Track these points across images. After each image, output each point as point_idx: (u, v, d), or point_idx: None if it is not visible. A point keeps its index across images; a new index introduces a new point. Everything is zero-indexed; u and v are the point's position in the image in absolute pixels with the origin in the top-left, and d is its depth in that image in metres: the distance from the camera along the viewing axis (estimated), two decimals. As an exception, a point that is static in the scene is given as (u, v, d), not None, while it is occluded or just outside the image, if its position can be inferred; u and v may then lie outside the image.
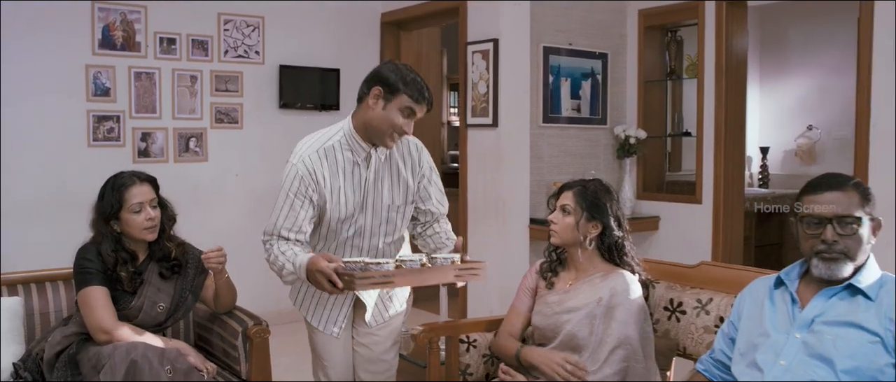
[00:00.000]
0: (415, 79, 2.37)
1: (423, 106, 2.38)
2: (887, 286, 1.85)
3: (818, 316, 1.87)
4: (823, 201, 1.88)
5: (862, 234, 1.85)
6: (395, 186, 2.52)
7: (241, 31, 5.17)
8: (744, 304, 2.07)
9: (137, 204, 2.59)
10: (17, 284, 2.85)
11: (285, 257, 2.37)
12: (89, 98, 4.70)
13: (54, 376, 2.47)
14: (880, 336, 1.76)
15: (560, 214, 2.41)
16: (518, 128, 4.79)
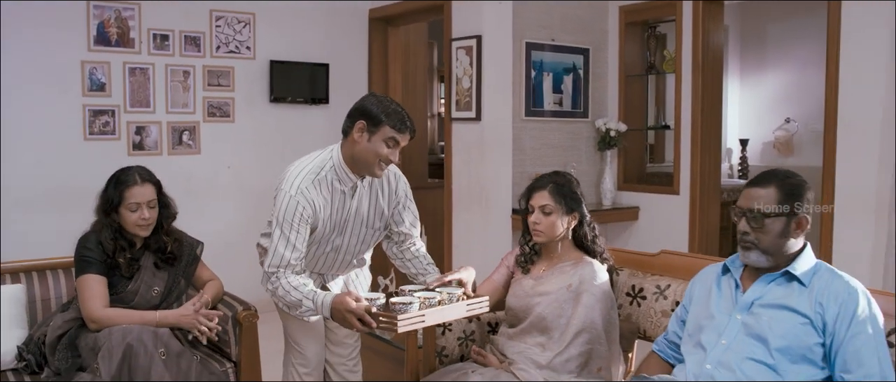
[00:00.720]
0: (396, 110, 2.48)
1: (406, 135, 2.49)
2: (820, 273, 2.02)
3: (757, 299, 2.04)
4: (746, 195, 2.05)
5: (773, 228, 2.00)
6: (373, 211, 2.67)
7: (232, 27, 5.32)
8: (694, 289, 2.24)
9: (135, 203, 2.74)
10: (20, 272, 3.01)
11: (301, 293, 2.45)
12: (85, 93, 4.84)
13: (55, 358, 2.63)
14: (810, 319, 1.93)
15: (541, 215, 2.52)
16: (500, 121, 4.95)
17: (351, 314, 2.30)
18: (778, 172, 2.13)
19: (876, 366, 1.83)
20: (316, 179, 2.52)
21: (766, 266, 2.05)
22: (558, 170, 2.68)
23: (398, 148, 2.49)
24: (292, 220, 2.47)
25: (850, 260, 4.22)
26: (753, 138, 6.64)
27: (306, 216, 2.48)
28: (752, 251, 2.05)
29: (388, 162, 2.50)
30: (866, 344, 1.85)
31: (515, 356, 2.46)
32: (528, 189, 2.59)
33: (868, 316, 1.89)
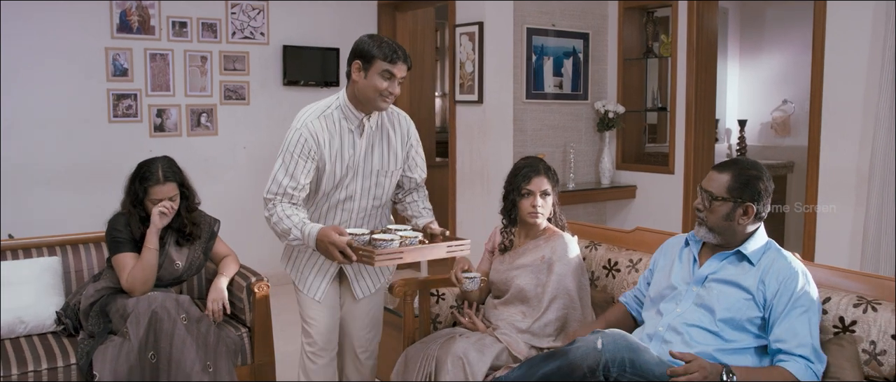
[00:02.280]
0: (387, 43, 2.55)
1: (400, 64, 2.55)
2: (769, 253, 2.25)
3: (711, 274, 2.28)
4: (708, 176, 2.30)
5: (720, 211, 2.24)
6: (386, 153, 2.71)
7: (247, 14, 5.57)
8: (659, 258, 2.49)
9: (157, 200, 2.99)
10: (55, 246, 3.32)
11: (291, 222, 2.55)
12: (109, 78, 5.13)
13: (89, 323, 2.93)
14: (753, 294, 2.17)
15: (543, 198, 2.71)
16: (502, 103, 5.19)
17: (333, 246, 2.43)
18: (740, 162, 2.35)
19: (807, 337, 2.07)
20: (321, 115, 2.61)
21: (714, 242, 2.30)
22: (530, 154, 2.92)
23: (395, 79, 2.56)
24: (294, 151, 2.57)
25: (832, 233, 4.46)
26: (751, 119, 6.82)
27: (309, 147, 2.57)
28: (701, 226, 2.30)
29: (389, 94, 2.56)
30: (800, 319, 2.08)
31: (499, 322, 2.72)
32: (521, 174, 2.72)
33: (803, 294, 2.12)
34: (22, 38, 4.82)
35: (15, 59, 4.81)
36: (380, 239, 2.46)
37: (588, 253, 2.97)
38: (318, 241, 2.48)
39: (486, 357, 2.53)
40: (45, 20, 4.88)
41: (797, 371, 2.03)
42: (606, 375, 1.95)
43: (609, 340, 2.00)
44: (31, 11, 4.83)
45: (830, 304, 2.21)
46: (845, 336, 2.15)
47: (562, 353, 2.07)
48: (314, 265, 2.79)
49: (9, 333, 3.01)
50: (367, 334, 2.94)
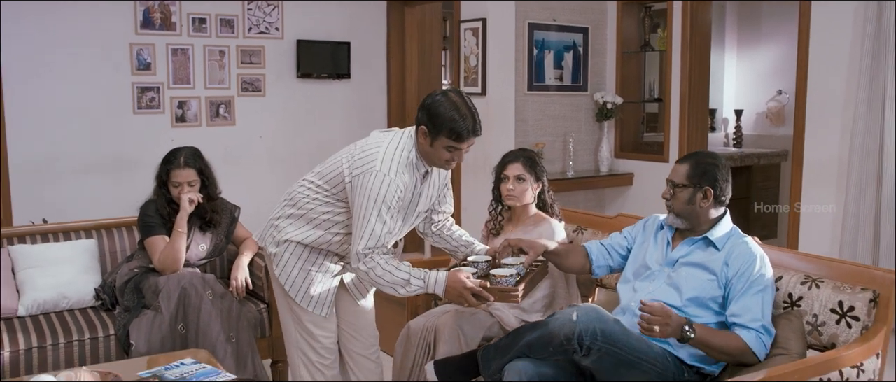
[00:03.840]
0: (453, 118, 2.45)
1: (465, 142, 2.51)
2: (733, 238, 2.53)
3: (682, 257, 2.57)
4: (672, 168, 2.59)
5: (682, 196, 2.52)
6: (429, 196, 2.75)
7: (262, 10, 5.87)
8: (640, 231, 2.77)
9: (176, 183, 3.31)
10: (91, 229, 3.64)
11: (406, 272, 2.52)
12: (133, 72, 5.44)
13: (124, 298, 3.25)
14: (717, 276, 2.45)
15: (515, 183, 3.03)
16: (504, 95, 5.47)
17: (467, 290, 2.45)
18: (698, 154, 2.65)
19: (759, 313, 2.34)
20: (407, 164, 2.55)
21: (681, 226, 2.58)
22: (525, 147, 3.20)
23: (459, 152, 2.53)
24: (390, 202, 2.47)
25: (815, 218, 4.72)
26: (747, 109, 7.06)
27: (401, 199, 2.54)
28: (670, 213, 2.59)
29: (451, 165, 2.60)
30: (754, 298, 2.36)
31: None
32: (502, 162, 3.08)
33: (759, 275, 2.39)
34: (53, 34, 5.13)
35: (47, 55, 5.13)
36: (502, 276, 2.54)
37: (575, 237, 3.26)
38: (448, 288, 2.49)
39: (480, 329, 2.83)
40: (74, 18, 5.18)
41: (749, 338, 2.31)
42: (580, 343, 2.24)
43: (582, 312, 2.29)
44: (62, 10, 5.13)
45: (782, 282, 2.49)
46: (793, 310, 2.43)
47: (542, 324, 2.37)
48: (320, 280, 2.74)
49: (53, 307, 3.35)
50: (372, 332, 2.95)
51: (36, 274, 3.36)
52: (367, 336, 2.93)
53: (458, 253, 2.92)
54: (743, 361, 2.32)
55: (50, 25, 5.11)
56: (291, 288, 2.71)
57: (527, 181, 3.02)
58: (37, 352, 3.01)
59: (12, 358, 2.96)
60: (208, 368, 2.56)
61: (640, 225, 2.80)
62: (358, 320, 2.90)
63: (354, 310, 2.90)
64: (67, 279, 3.38)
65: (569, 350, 2.27)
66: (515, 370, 2.36)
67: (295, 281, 2.71)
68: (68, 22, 5.17)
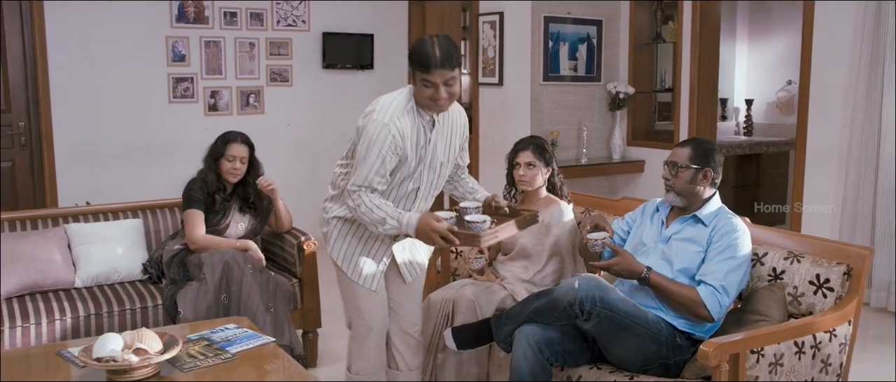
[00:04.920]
0: (423, 50, 2.54)
1: (435, 72, 2.53)
2: (720, 215, 2.79)
3: (674, 234, 2.82)
4: (672, 152, 2.84)
5: (684, 176, 2.77)
6: (448, 146, 2.78)
7: (290, 3, 6.15)
8: (639, 213, 3.03)
9: (231, 156, 3.62)
10: (137, 209, 3.96)
11: (384, 211, 2.61)
12: (169, 63, 5.76)
13: (170, 272, 3.56)
14: (704, 248, 2.72)
15: (526, 169, 3.29)
16: (520, 86, 5.73)
17: (435, 232, 2.54)
18: (698, 139, 2.91)
19: (722, 274, 2.60)
20: (404, 111, 2.64)
21: (679, 205, 2.84)
22: (538, 135, 3.46)
23: (437, 87, 2.57)
24: (382, 147, 2.58)
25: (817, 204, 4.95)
26: (758, 98, 7.26)
27: (396, 144, 2.61)
28: (669, 192, 2.84)
29: (434, 100, 2.59)
30: (723, 262, 2.62)
31: (506, 274, 3.30)
32: (513, 149, 3.33)
33: (733, 245, 2.64)
34: (95, 28, 5.45)
35: (89, 48, 5.46)
36: (472, 221, 2.61)
37: (583, 217, 3.51)
38: (418, 229, 2.58)
39: (493, 300, 3.11)
40: (115, 13, 5.50)
41: (705, 294, 2.58)
42: (581, 308, 2.51)
43: (584, 281, 2.56)
44: (104, 6, 5.45)
45: (767, 258, 2.75)
46: (776, 282, 2.69)
47: (548, 292, 2.65)
48: (368, 255, 2.84)
49: (106, 279, 3.67)
50: (417, 311, 3.03)
51: (90, 249, 3.68)
52: (412, 314, 3.00)
53: (464, 198, 3.01)
54: (696, 312, 2.59)
55: (92, 20, 5.44)
56: (342, 262, 2.85)
57: (537, 167, 3.28)
58: (94, 319, 3.34)
59: (73, 324, 3.28)
60: (250, 332, 2.86)
61: (639, 209, 3.06)
62: (404, 299, 2.98)
63: (403, 289, 2.97)
64: (118, 255, 3.70)
65: (571, 316, 2.54)
66: (524, 334, 2.64)
67: (344, 254, 2.84)
68: (109, 16, 5.49)
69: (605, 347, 2.64)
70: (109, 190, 5.38)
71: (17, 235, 3.64)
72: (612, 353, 2.65)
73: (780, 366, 2.35)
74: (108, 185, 5.49)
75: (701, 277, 2.64)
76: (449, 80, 2.58)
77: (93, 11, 5.43)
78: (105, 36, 5.50)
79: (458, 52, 2.63)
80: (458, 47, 2.63)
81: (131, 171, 5.66)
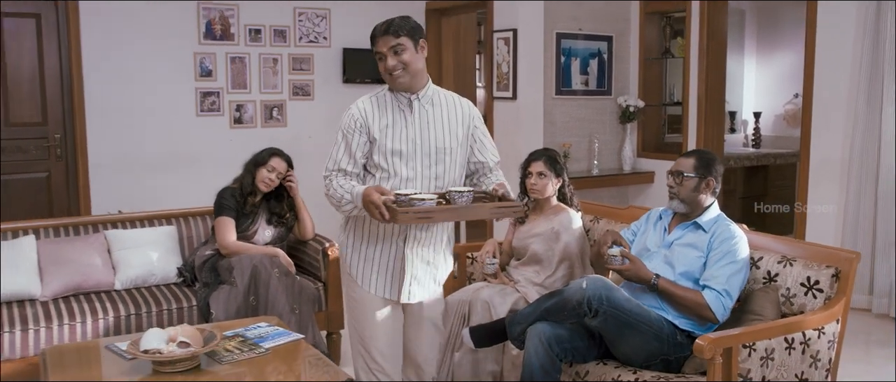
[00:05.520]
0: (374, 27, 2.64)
1: (379, 40, 2.62)
2: (719, 222, 2.98)
3: (675, 239, 3.02)
4: (676, 162, 3.04)
5: (688, 185, 2.98)
6: (444, 132, 2.70)
7: (312, 21, 6.41)
8: (644, 221, 3.23)
9: (271, 167, 3.87)
10: (170, 217, 4.21)
11: (344, 189, 2.63)
12: (197, 78, 6.01)
13: (202, 275, 3.79)
14: (704, 253, 2.91)
15: (537, 179, 3.50)
16: (533, 99, 5.94)
17: (372, 205, 2.49)
18: (700, 150, 3.12)
19: (724, 279, 2.79)
20: (372, 96, 2.73)
21: (683, 211, 3.03)
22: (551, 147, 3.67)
23: (386, 59, 2.62)
24: (346, 129, 2.67)
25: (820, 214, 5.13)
26: (766, 111, 7.44)
27: (358, 123, 2.65)
28: (674, 199, 3.04)
29: (385, 71, 2.64)
30: (725, 267, 2.81)
31: (519, 278, 3.50)
32: (526, 160, 3.54)
33: (733, 250, 2.83)
34: (127, 45, 5.72)
35: (122, 63, 5.72)
36: (415, 199, 2.49)
37: (592, 225, 3.73)
38: (363, 200, 2.54)
39: (507, 302, 3.32)
40: (146, 30, 5.77)
41: (710, 298, 2.77)
42: (589, 306, 2.72)
43: (591, 282, 2.76)
44: (135, 23, 5.72)
45: (762, 262, 2.94)
46: (770, 284, 2.88)
47: (558, 293, 2.85)
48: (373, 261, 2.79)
49: (143, 282, 3.91)
50: (427, 343, 2.91)
51: (128, 254, 3.92)
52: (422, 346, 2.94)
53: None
54: (701, 315, 2.79)
55: (125, 37, 5.71)
56: (351, 268, 2.82)
57: (548, 177, 3.49)
58: (134, 318, 3.58)
59: (115, 322, 3.52)
60: (281, 330, 3.08)
61: (643, 217, 3.27)
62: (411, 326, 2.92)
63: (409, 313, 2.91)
64: (154, 259, 3.94)
65: (580, 314, 2.75)
66: (535, 332, 2.85)
67: (351, 260, 2.82)
68: (141, 34, 5.76)
69: (611, 343, 2.84)
70: (139, 199, 5.63)
71: (61, 240, 3.89)
72: (617, 349, 2.85)
73: (772, 360, 2.54)
74: (138, 194, 5.74)
75: (705, 282, 2.84)
76: (396, 47, 2.60)
77: (125, 29, 5.70)
78: (137, 52, 5.76)
79: (409, 23, 2.64)
80: (409, 20, 2.65)
81: (160, 181, 5.91)
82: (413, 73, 2.65)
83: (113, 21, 5.65)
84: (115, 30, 5.67)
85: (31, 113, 5.60)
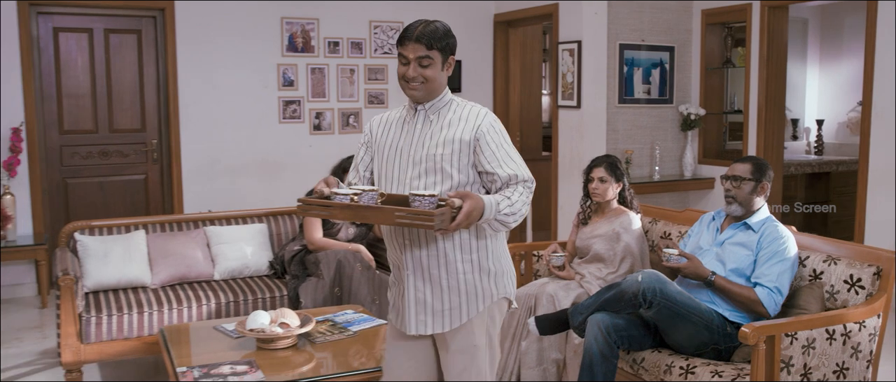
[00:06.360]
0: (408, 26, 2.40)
1: (407, 46, 2.37)
2: (767, 223, 3.22)
3: (727, 238, 3.28)
4: (731, 167, 3.29)
5: (745, 188, 3.22)
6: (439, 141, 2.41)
7: (386, 33, 6.80)
8: (697, 223, 3.49)
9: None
10: (261, 216, 4.62)
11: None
12: (280, 88, 6.46)
13: (291, 269, 4.18)
14: (753, 251, 3.16)
15: (599, 183, 3.80)
16: (597, 108, 6.21)
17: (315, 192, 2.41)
18: (753, 157, 3.36)
19: (775, 276, 3.03)
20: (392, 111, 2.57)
21: (739, 214, 3.28)
22: (611, 153, 3.95)
23: (410, 65, 2.37)
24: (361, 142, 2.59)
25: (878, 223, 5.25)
26: (829, 118, 7.52)
27: (366, 139, 2.57)
28: (732, 203, 3.28)
29: (405, 77, 2.38)
30: (775, 265, 3.04)
31: (585, 273, 3.78)
32: (588, 166, 3.82)
33: (782, 250, 3.07)
34: (218, 58, 6.20)
35: (213, 75, 6.21)
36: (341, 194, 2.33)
37: (650, 227, 3.99)
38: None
39: (570, 296, 3.61)
40: (234, 44, 6.24)
41: (762, 294, 3.01)
42: (644, 298, 2.99)
43: (646, 275, 3.03)
44: (225, 38, 6.20)
45: (809, 260, 3.17)
46: (815, 281, 3.11)
47: (616, 285, 3.13)
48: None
49: (239, 274, 4.33)
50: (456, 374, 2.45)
51: (225, 248, 4.34)
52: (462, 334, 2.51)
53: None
54: (754, 310, 3.03)
55: (215, 51, 6.19)
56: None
57: (608, 182, 3.77)
58: (232, 305, 3.99)
59: (216, 308, 3.94)
60: (366, 316, 3.44)
61: (698, 221, 3.52)
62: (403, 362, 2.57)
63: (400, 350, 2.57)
64: (248, 253, 4.35)
65: (635, 305, 3.03)
66: (595, 321, 3.13)
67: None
68: (229, 48, 6.24)
69: (665, 333, 3.11)
70: (227, 200, 6.10)
71: (167, 235, 4.34)
72: (670, 338, 3.12)
73: (813, 349, 2.77)
74: (225, 196, 6.21)
75: (756, 279, 3.08)
76: (423, 59, 2.37)
77: (216, 44, 6.18)
78: (226, 65, 6.24)
79: (447, 37, 2.42)
80: (447, 35, 2.43)
81: (246, 183, 6.37)
82: (430, 89, 2.41)
83: (205, 36, 6.14)
84: (207, 44, 6.16)
85: (131, 120, 6.12)
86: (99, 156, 6.04)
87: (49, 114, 5.83)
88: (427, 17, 2.52)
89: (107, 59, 5.96)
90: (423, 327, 2.45)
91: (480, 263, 2.45)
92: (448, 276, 2.42)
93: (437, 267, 2.42)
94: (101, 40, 5.94)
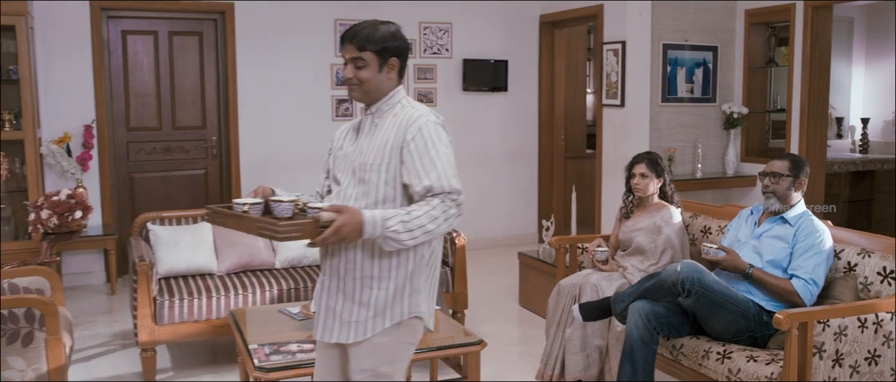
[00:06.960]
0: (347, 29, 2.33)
1: (343, 46, 2.32)
2: (803, 217, 3.37)
3: (764, 232, 3.43)
4: (769, 164, 3.44)
5: (783, 184, 3.37)
6: (374, 148, 2.32)
7: (435, 34, 7.02)
8: (736, 220, 3.64)
9: None
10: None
11: None
12: (332, 87, 6.73)
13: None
14: (789, 244, 3.30)
15: (640, 179, 3.97)
16: (640, 107, 6.35)
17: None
18: (790, 154, 3.51)
19: (811, 269, 3.18)
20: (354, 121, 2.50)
21: (777, 208, 3.42)
22: (650, 150, 4.11)
23: (348, 64, 2.32)
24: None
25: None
26: (875, 117, 7.54)
27: (330, 144, 2.54)
28: (771, 198, 3.43)
29: (345, 80, 2.35)
30: (811, 258, 3.19)
31: (627, 265, 3.96)
32: (630, 162, 3.99)
33: (818, 243, 3.21)
34: (274, 59, 6.49)
35: (269, 74, 6.50)
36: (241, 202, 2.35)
37: (690, 221, 4.15)
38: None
39: (613, 286, 3.79)
40: (289, 45, 6.53)
41: (798, 286, 3.16)
42: (683, 287, 3.16)
43: (685, 266, 3.20)
44: (280, 39, 6.49)
45: (843, 253, 3.31)
46: (850, 274, 3.25)
47: (656, 275, 3.31)
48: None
49: (298, 263, 4.60)
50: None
51: (285, 239, 4.61)
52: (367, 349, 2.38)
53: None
54: (791, 301, 3.17)
55: (271, 53, 6.48)
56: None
57: (649, 177, 3.94)
58: (293, 291, 4.25)
59: (278, 294, 4.21)
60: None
61: (736, 216, 3.68)
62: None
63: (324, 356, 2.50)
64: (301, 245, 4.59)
65: (675, 293, 3.20)
66: (636, 308, 3.31)
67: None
68: (284, 49, 6.52)
69: (703, 320, 3.28)
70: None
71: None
72: (708, 326, 3.29)
73: (845, 336, 2.92)
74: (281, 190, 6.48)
75: (793, 271, 3.23)
76: (357, 62, 2.31)
77: (272, 45, 6.48)
78: (281, 65, 6.53)
79: (385, 41, 2.32)
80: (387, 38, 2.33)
81: (299, 178, 6.64)
82: (366, 91, 2.35)
83: (262, 38, 6.43)
84: (264, 45, 6.45)
85: (192, 117, 6.44)
86: (162, 151, 6.37)
87: (117, 112, 6.18)
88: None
89: (170, 60, 6.29)
90: (329, 334, 2.35)
91: (396, 279, 2.30)
92: (361, 288, 2.30)
93: (351, 277, 2.30)
94: (166, 42, 6.27)
